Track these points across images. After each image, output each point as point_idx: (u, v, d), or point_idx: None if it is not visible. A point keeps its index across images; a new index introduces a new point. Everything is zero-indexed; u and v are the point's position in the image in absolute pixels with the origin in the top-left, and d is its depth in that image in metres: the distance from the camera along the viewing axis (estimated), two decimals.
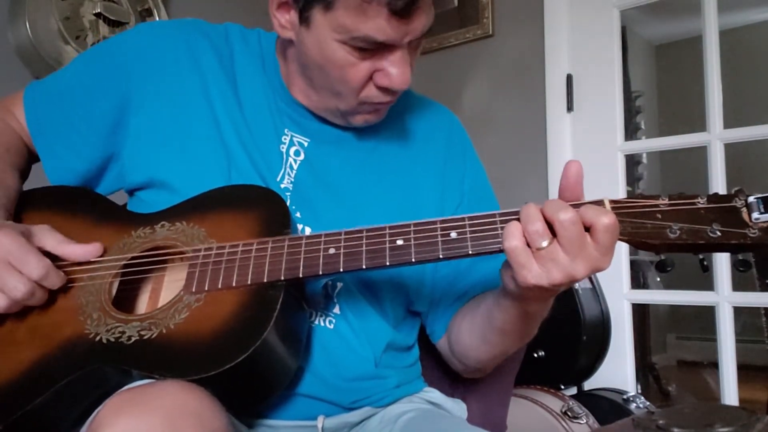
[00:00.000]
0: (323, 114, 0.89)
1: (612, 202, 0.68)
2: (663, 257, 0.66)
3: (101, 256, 0.80)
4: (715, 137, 1.93)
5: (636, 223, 0.66)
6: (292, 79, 0.89)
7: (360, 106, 0.84)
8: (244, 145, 0.86)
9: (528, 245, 0.65)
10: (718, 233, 0.64)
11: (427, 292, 0.92)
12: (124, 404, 0.58)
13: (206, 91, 0.88)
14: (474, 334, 0.87)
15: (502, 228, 0.68)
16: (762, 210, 0.63)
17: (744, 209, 0.65)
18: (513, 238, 0.64)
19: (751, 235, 0.63)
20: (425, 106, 1.02)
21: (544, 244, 0.63)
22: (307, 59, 0.82)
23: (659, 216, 0.66)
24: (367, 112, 0.86)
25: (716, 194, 0.66)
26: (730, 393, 1.87)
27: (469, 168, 0.98)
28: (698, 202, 0.66)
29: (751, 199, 0.64)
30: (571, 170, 0.69)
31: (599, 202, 0.68)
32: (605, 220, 0.62)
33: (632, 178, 3.30)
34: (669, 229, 0.65)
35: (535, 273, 0.64)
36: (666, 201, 0.66)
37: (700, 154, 1.98)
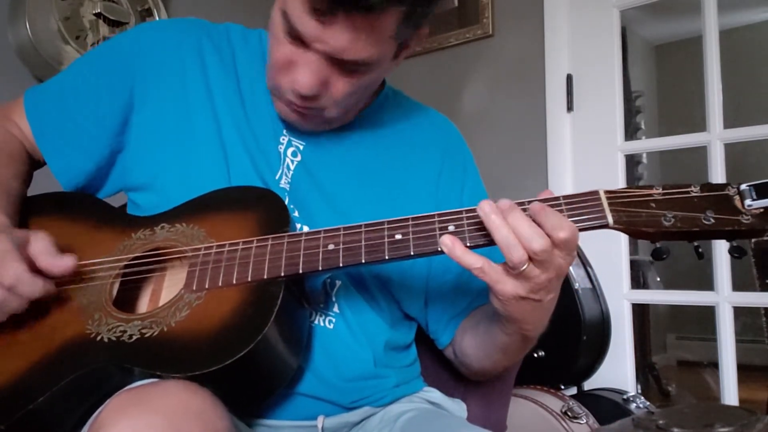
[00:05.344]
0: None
1: (607, 192, 0.69)
2: (658, 245, 0.67)
3: (100, 256, 0.79)
4: (715, 137, 1.93)
5: (631, 212, 0.67)
6: None
7: (278, 91, 0.82)
8: (245, 144, 0.87)
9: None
10: (712, 220, 0.66)
11: (417, 294, 0.92)
12: (126, 404, 0.58)
13: (209, 90, 0.88)
14: (478, 351, 0.89)
15: None
16: (754, 196, 0.65)
17: (737, 197, 0.66)
18: (475, 262, 0.67)
19: (744, 221, 0.65)
20: (423, 114, 1.01)
21: (525, 267, 0.66)
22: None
23: (653, 205, 0.67)
24: (287, 104, 0.83)
25: (709, 183, 0.68)
26: (730, 393, 1.87)
27: (469, 178, 0.98)
28: (692, 191, 0.67)
29: (743, 186, 0.66)
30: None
31: (594, 194, 0.69)
32: (562, 235, 0.64)
33: (632, 178, 3.30)
34: (664, 217, 0.66)
35: (509, 286, 0.67)
36: (660, 191, 0.68)
37: (700, 154, 1.98)
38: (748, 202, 0.65)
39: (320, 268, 0.72)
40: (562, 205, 0.69)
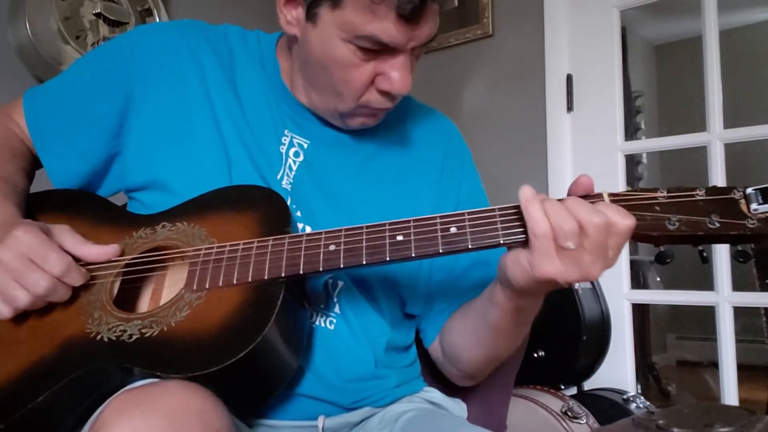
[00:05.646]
0: (323, 114, 0.89)
1: (611, 195, 0.68)
2: (662, 249, 0.66)
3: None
4: (715, 137, 1.94)
5: (635, 215, 0.66)
6: (295, 79, 0.89)
7: (359, 109, 0.84)
8: (245, 145, 0.87)
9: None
10: (717, 224, 0.65)
11: (420, 294, 0.92)
12: (127, 404, 0.58)
13: (207, 92, 0.88)
14: (467, 335, 0.87)
15: (501, 223, 0.68)
16: (760, 201, 0.64)
17: (742, 201, 0.65)
18: (543, 223, 0.64)
19: (750, 225, 0.64)
20: (425, 114, 1.02)
21: (572, 245, 0.63)
22: (310, 57, 0.82)
23: (658, 208, 0.66)
24: (365, 115, 0.86)
25: (714, 187, 0.67)
26: (730, 393, 1.87)
27: (467, 176, 0.99)
28: (696, 195, 0.66)
29: (749, 190, 0.65)
30: (582, 183, 0.70)
31: (598, 196, 0.68)
32: (628, 222, 0.63)
33: (632, 178, 3.30)
34: (668, 220, 0.66)
35: (556, 267, 0.64)
36: (664, 194, 0.67)
37: (700, 154, 1.98)
38: (753, 206, 0.64)
39: (321, 269, 0.72)
40: None
